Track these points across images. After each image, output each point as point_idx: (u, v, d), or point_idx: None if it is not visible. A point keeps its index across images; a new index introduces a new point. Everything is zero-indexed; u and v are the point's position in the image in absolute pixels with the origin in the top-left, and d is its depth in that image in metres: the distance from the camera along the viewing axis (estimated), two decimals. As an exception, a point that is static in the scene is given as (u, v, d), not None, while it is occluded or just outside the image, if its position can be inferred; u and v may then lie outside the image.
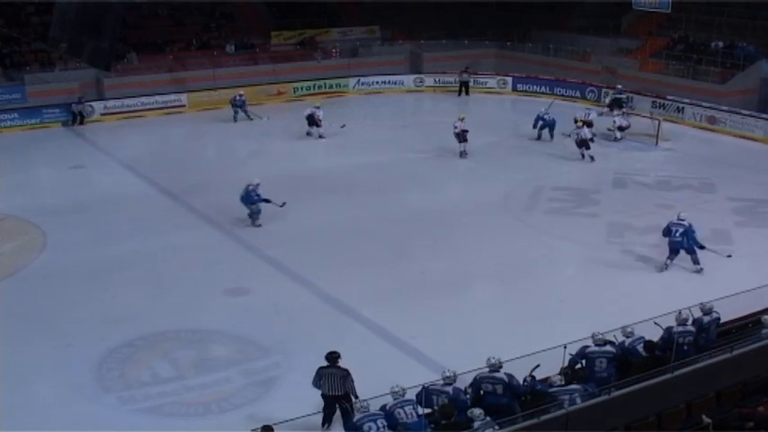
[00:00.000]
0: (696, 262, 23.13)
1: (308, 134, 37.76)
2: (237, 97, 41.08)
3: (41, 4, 43.75)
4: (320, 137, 37.36)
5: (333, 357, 15.70)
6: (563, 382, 13.86)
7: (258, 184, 26.44)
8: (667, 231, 23.25)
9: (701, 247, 23.09)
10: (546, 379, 14.43)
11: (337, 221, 27.11)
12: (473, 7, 53.75)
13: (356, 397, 15.23)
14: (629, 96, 41.78)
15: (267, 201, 26.53)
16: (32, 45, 44.35)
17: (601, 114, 39.19)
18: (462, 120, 33.75)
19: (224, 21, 52.56)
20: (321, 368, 15.56)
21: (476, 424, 12.28)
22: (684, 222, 23.09)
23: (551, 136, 36.64)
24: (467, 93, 47.21)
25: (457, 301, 21.37)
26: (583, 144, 33.27)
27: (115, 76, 43.47)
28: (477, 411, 12.47)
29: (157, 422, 16.30)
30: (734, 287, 17.04)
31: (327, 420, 15.59)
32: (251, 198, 26.34)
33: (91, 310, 20.79)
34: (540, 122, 36.90)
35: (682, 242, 23.02)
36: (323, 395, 15.52)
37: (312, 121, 37.57)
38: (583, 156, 33.15)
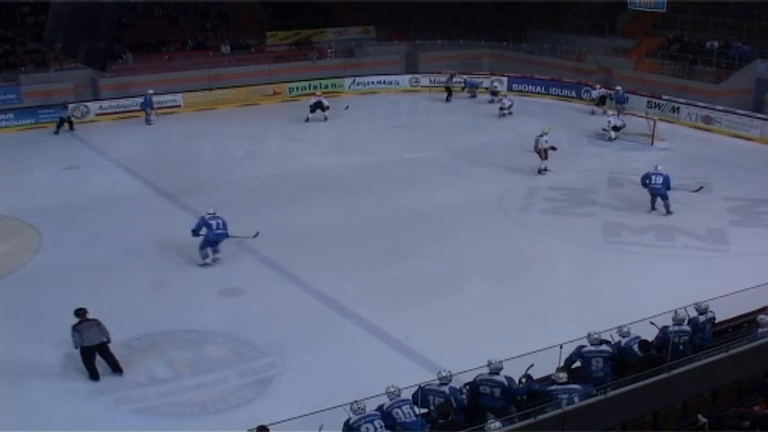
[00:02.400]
0: (668, 207, 27.31)
1: (307, 120, 39.37)
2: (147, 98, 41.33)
3: (37, 5, 43.77)
4: (325, 119, 39.64)
5: (82, 312, 17.69)
6: (566, 380, 13.80)
7: (214, 213, 23.92)
8: (647, 179, 27.46)
9: (671, 189, 27.30)
10: (548, 376, 14.41)
11: (333, 221, 27.10)
12: (469, 7, 53.87)
13: (109, 340, 17.64)
14: (620, 95, 41.70)
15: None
16: (28, 45, 44.35)
17: (593, 113, 39.35)
18: (547, 134, 32.60)
19: (219, 21, 52.58)
20: (75, 325, 17.49)
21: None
22: (662, 173, 27.26)
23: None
24: (448, 98, 46.83)
25: (452, 301, 21.35)
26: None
27: (110, 76, 43.51)
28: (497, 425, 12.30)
29: (153, 423, 16.26)
30: (729, 287, 17.03)
31: (95, 374, 17.60)
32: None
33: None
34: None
35: (660, 189, 27.16)
36: (84, 348, 17.48)
37: (319, 105, 39.63)
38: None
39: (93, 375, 17.71)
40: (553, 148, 32.14)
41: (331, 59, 51.37)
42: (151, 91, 41.41)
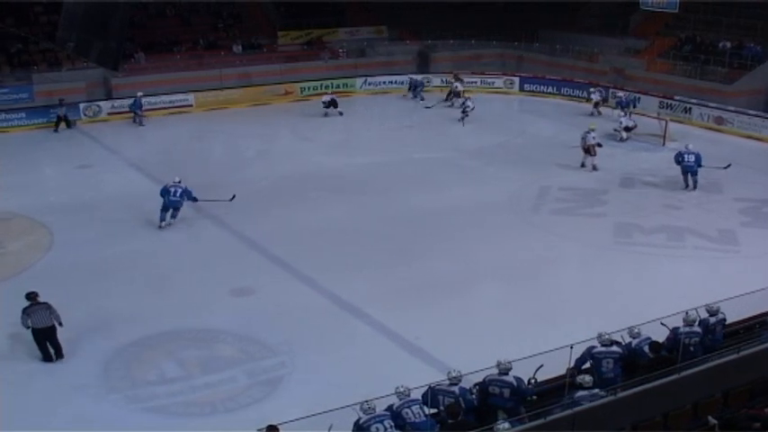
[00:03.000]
0: (696, 183, 29.87)
1: (326, 114, 40.33)
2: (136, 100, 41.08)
3: (50, 4, 43.85)
4: (340, 113, 41.26)
5: (33, 296, 18.49)
6: (591, 384, 13.72)
7: (179, 182, 26.79)
8: (680, 158, 30.05)
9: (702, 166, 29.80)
10: (556, 378, 14.37)
11: (343, 221, 27.13)
12: (480, 7, 53.76)
13: (60, 324, 18.44)
14: (634, 97, 41.62)
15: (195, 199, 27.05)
16: (40, 44, 44.41)
17: (591, 114, 39.45)
18: (594, 130, 33.02)
19: (231, 21, 52.59)
20: (26, 308, 18.26)
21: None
22: (694, 151, 30.01)
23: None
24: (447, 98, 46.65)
25: (462, 301, 21.34)
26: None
27: (122, 75, 43.51)
28: (505, 425, 12.30)
29: (163, 422, 16.30)
30: (740, 288, 16.97)
31: (48, 355, 18.40)
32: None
33: (97, 308, 20.79)
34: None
35: (693, 166, 29.71)
36: (34, 331, 18.25)
37: (333, 103, 40.49)
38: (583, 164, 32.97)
39: (46, 357, 18.45)
40: (599, 145, 32.49)
41: (343, 59, 51.30)
42: (140, 93, 41.25)
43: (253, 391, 17.33)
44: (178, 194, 26.30)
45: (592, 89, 43.77)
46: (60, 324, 18.50)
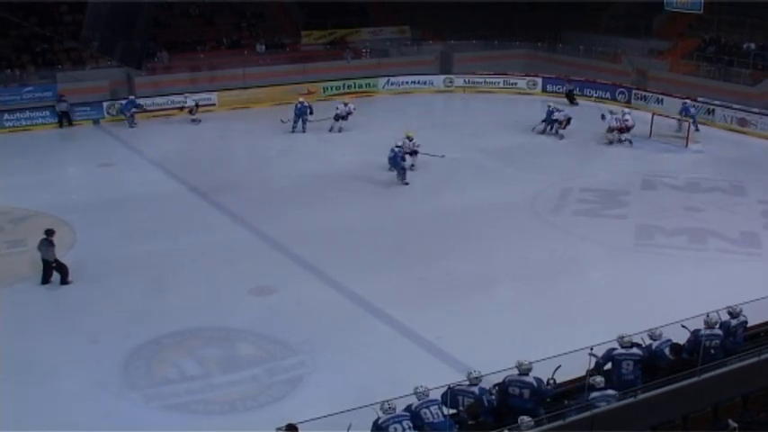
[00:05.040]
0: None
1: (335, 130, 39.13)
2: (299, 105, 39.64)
3: (74, 4, 44.06)
4: (340, 130, 39.43)
5: (48, 231, 22.45)
6: (603, 384, 13.69)
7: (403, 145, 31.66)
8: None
9: None
10: (581, 378, 14.33)
11: (364, 221, 27.17)
12: (504, 8, 53.65)
13: (58, 261, 22.35)
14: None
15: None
16: (65, 44, 44.64)
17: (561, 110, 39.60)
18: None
19: (255, 20, 52.74)
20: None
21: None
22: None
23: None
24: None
25: (482, 301, 21.34)
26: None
27: (146, 74, 43.76)
28: (527, 419, 12.33)
29: (183, 419, 16.37)
30: (762, 291, 16.87)
31: (46, 280, 22.26)
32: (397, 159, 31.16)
33: (118, 306, 20.92)
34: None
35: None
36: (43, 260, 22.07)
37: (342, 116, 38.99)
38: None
39: (43, 281, 22.32)
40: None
41: (365, 59, 51.40)
42: (132, 96, 41.21)
43: (272, 389, 17.36)
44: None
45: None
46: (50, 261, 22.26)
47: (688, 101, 39.63)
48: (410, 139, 32.58)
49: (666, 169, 32.85)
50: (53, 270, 22.30)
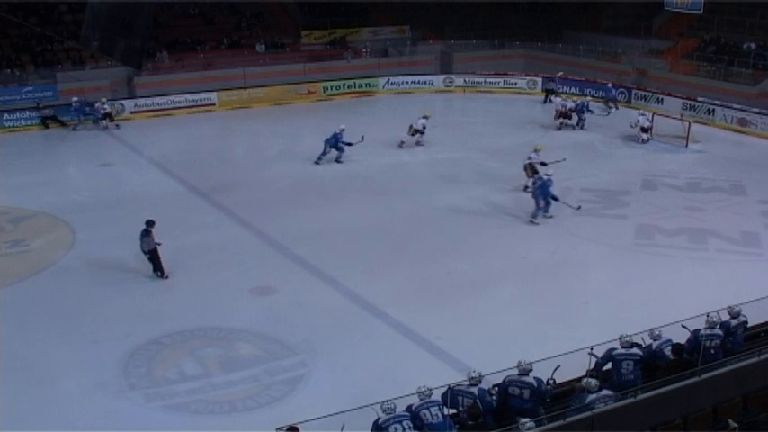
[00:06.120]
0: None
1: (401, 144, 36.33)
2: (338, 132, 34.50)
3: (74, 4, 44.16)
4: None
5: (148, 222, 22.65)
6: (598, 387, 13.66)
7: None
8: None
9: None
10: (578, 380, 14.33)
11: (364, 221, 27.16)
12: (504, 8, 53.76)
13: (159, 244, 22.60)
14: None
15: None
16: (65, 43, 44.70)
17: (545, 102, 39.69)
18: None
19: (254, 20, 52.79)
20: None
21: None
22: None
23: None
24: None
25: (483, 301, 21.32)
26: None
27: (146, 74, 43.83)
28: (527, 421, 12.34)
29: (183, 419, 16.35)
30: (762, 291, 16.88)
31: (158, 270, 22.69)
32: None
33: (118, 307, 20.91)
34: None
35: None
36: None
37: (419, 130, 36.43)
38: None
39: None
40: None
41: (365, 59, 51.47)
42: (75, 98, 40.47)
43: (272, 389, 17.35)
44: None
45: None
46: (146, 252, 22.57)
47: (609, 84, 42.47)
48: (537, 152, 30.89)
49: (666, 169, 32.85)
50: (151, 260, 22.70)
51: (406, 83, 49.17)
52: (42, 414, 16.20)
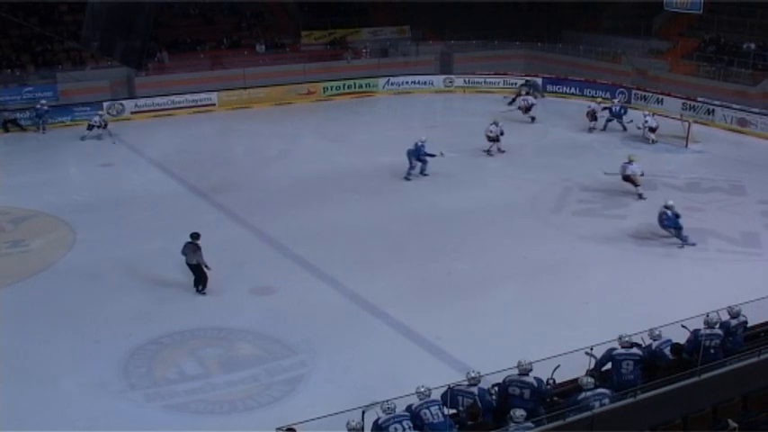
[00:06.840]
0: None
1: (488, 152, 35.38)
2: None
3: (74, 4, 44.08)
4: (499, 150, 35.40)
5: (193, 235, 21.74)
6: (594, 385, 13.67)
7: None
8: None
9: None
10: (575, 380, 14.34)
11: (364, 221, 27.16)
12: (504, 8, 53.75)
13: (207, 267, 21.45)
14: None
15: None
16: (65, 44, 44.66)
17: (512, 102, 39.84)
18: (633, 162, 30.15)
19: (255, 20, 52.80)
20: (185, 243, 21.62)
21: (511, 426, 12.21)
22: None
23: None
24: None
25: (482, 301, 21.32)
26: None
27: (146, 74, 43.81)
28: (519, 412, 12.37)
29: (183, 419, 16.36)
30: (763, 291, 16.89)
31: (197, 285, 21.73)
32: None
33: (118, 307, 20.90)
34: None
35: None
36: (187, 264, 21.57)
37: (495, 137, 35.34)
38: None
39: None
40: (642, 175, 29.84)
41: (365, 59, 51.48)
42: (43, 101, 40.21)
43: (272, 389, 17.35)
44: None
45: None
46: (207, 267, 21.62)
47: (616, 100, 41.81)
48: (631, 162, 29.71)
49: (666, 169, 32.81)
50: (196, 273, 21.72)
51: (406, 83, 49.11)
52: (42, 414, 16.20)
